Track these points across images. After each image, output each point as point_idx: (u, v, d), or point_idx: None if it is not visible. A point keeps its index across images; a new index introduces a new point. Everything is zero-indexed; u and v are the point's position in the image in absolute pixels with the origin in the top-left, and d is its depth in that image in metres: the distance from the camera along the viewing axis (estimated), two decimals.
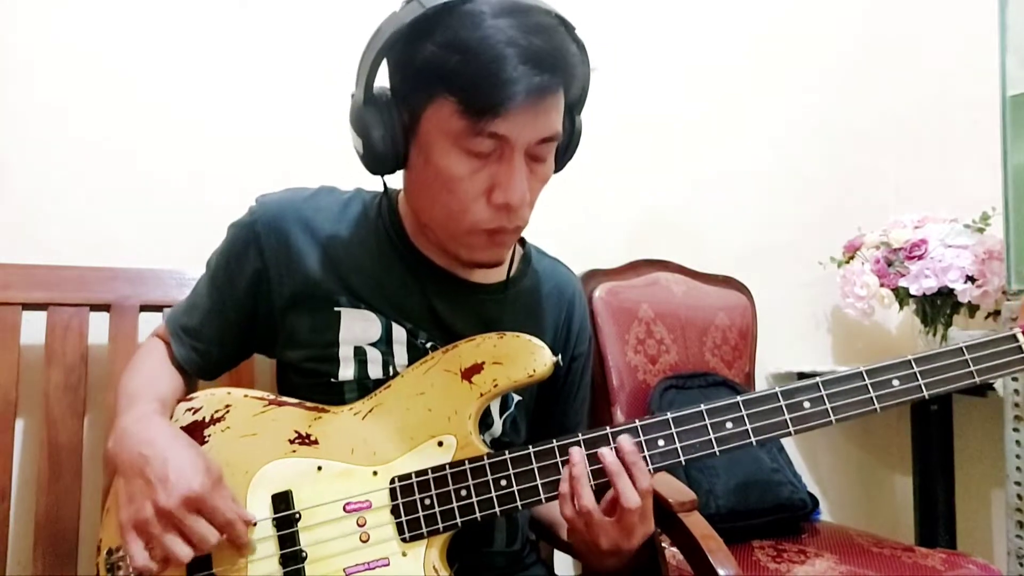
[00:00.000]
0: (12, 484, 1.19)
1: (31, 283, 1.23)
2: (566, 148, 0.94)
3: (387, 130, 0.86)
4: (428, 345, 0.96)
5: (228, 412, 0.92)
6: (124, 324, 1.27)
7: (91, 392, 1.24)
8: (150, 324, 1.27)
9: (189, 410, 0.93)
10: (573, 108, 0.92)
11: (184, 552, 0.78)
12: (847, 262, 2.03)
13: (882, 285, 1.92)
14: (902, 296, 1.91)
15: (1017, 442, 1.63)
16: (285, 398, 0.93)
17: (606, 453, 0.85)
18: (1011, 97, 1.64)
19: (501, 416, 1.01)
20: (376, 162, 0.89)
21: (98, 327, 1.26)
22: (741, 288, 1.93)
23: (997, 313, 1.86)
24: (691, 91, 2.02)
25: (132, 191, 1.40)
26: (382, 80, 0.88)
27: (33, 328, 1.22)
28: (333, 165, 1.20)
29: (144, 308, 1.29)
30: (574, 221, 1.75)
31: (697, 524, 1.17)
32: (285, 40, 1.54)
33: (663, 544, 1.41)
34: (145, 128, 1.42)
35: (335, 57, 1.47)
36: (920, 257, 1.86)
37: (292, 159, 1.51)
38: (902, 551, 1.53)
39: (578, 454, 0.85)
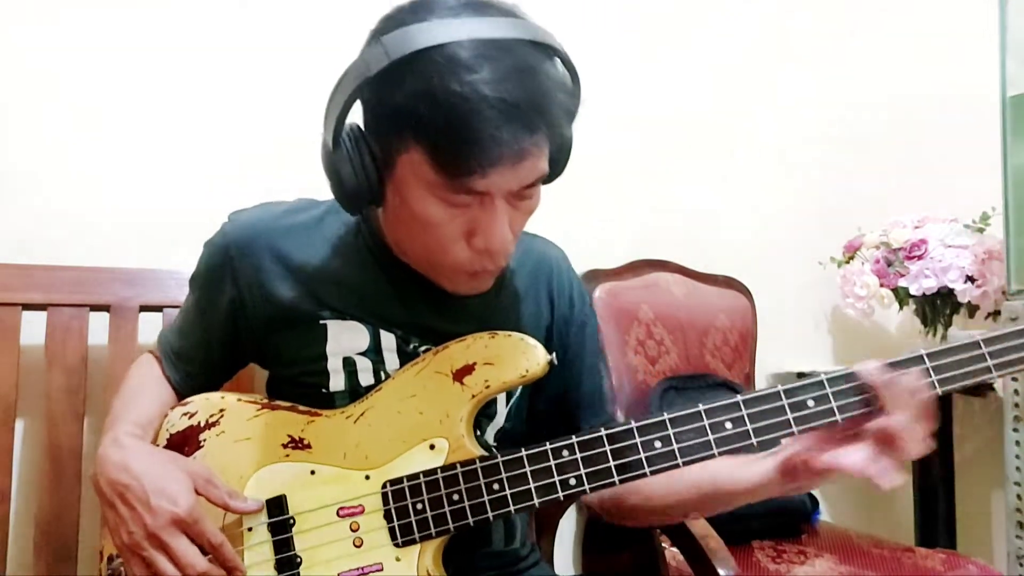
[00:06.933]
0: (12, 485, 1.20)
1: (30, 284, 1.23)
2: (557, 163, 0.87)
3: (358, 171, 0.81)
4: (422, 349, 0.95)
5: (223, 416, 0.92)
6: (124, 325, 1.27)
7: (91, 393, 1.24)
8: (150, 325, 1.27)
9: (185, 415, 0.93)
10: (563, 134, 0.84)
11: (170, 571, 0.79)
12: (847, 262, 2.03)
13: (882, 285, 1.92)
14: (902, 296, 1.91)
15: (1017, 443, 1.62)
16: (278, 402, 0.93)
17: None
18: (1011, 97, 1.64)
19: (507, 404, 0.99)
20: (348, 202, 0.85)
21: (98, 328, 1.27)
22: (741, 289, 1.93)
23: (997, 313, 1.85)
24: (690, 91, 2.01)
25: (132, 191, 1.40)
26: (355, 115, 0.84)
27: (33, 329, 1.23)
28: None
29: (144, 309, 1.29)
30: (574, 221, 1.74)
31: (697, 524, 1.17)
32: (284, 41, 1.54)
33: (663, 544, 1.42)
34: (144, 128, 1.42)
35: (334, 60, 1.46)
36: (920, 257, 1.86)
37: (291, 160, 1.49)
38: (902, 552, 1.53)
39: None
